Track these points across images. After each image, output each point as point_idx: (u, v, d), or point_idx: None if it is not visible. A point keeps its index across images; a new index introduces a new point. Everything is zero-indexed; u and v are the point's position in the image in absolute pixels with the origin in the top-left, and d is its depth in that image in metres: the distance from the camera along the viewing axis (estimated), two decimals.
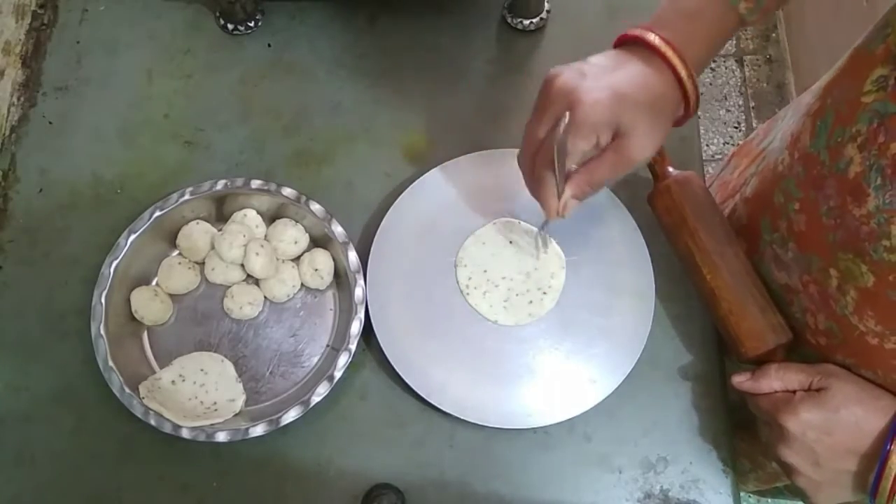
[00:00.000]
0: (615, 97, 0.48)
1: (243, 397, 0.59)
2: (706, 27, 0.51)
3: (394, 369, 0.59)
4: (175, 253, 0.64)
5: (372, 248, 0.62)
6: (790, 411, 0.50)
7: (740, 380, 0.55)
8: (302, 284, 0.63)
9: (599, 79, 0.49)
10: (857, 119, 0.46)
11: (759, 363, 0.55)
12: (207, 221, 0.64)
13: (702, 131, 0.64)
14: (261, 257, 0.61)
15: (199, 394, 0.59)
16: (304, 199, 0.62)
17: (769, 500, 1.31)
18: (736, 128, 1.66)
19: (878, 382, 0.51)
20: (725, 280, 0.57)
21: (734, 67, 1.71)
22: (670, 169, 0.60)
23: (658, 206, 0.60)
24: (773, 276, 0.58)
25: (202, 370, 0.60)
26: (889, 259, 0.44)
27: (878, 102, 0.44)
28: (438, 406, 0.59)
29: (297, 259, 0.64)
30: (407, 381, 0.59)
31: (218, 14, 0.73)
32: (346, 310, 0.62)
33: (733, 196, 0.69)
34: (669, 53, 0.49)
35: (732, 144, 1.64)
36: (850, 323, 0.50)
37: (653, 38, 0.49)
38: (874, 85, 0.45)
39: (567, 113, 0.48)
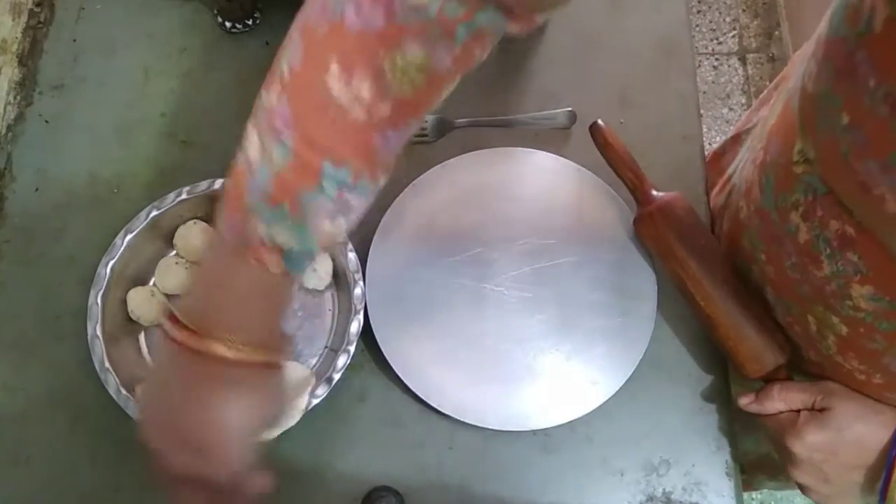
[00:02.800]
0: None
1: None
2: (270, 301, 0.44)
3: (393, 371, 0.59)
4: (172, 253, 0.64)
5: (371, 249, 0.62)
6: (795, 435, 0.51)
7: (746, 402, 0.55)
8: (300, 285, 0.63)
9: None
10: (794, 189, 0.45)
11: (764, 380, 0.55)
12: (204, 221, 0.64)
13: (704, 129, 0.64)
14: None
15: None
16: None
17: (772, 502, 1.31)
18: None
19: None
20: (719, 306, 0.56)
21: (737, 65, 1.71)
22: (654, 192, 0.60)
23: (643, 234, 0.61)
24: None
25: None
26: (856, 316, 0.44)
27: (807, 175, 0.43)
28: (438, 408, 0.58)
29: None
30: (406, 382, 0.59)
31: (215, 12, 0.72)
32: (344, 310, 0.61)
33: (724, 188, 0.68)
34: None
35: None
36: (836, 362, 0.50)
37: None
38: (800, 156, 0.44)
39: None
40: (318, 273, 0.62)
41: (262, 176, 0.40)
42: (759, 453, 0.73)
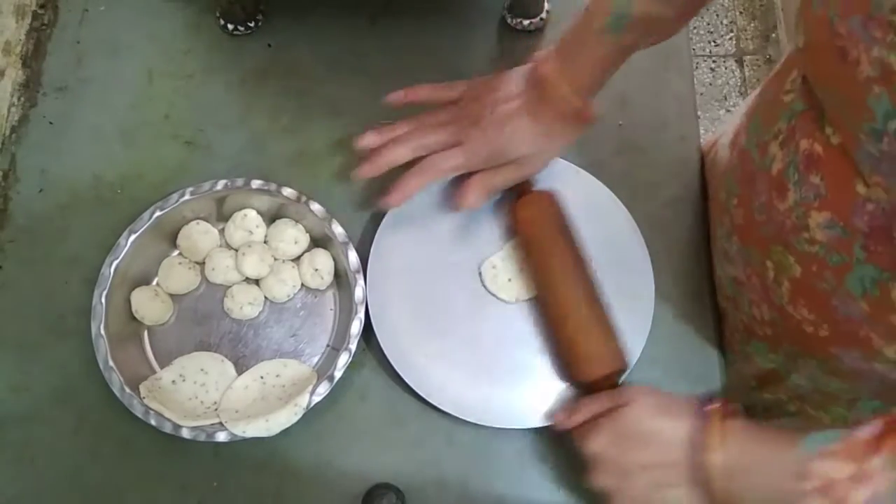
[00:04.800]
0: (511, 133, 0.57)
1: None
2: (594, 58, 0.55)
3: (394, 369, 0.59)
4: (175, 253, 0.64)
5: (372, 248, 0.62)
6: (589, 434, 0.52)
7: (558, 419, 0.56)
8: (302, 284, 0.63)
9: (503, 112, 0.57)
10: (779, 117, 0.48)
11: (593, 391, 0.56)
12: (208, 221, 0.64)
13: (701, 131, 0.65)
14: (248, 256, 0.61)
15: (199, 393, 0.59)
16: (304, 199, 0.63)
17: None
18: None
19: (821, 370, 0.53)
20: (578, 301, 0.57)
21: (734, 68, 1.71)
22: (535, 185, 0.62)
23: (520, 217, 0.61)
24: (725, 270, 0.60)
25: (202, 370, 0.60)
26: (809, 250, 0.46)
27: (794, 102, 0.46)
28: (438, 406, 0.59)
29: (297, 259, 0.64)
30: (407, 380, 0.59)
31: (218, 14, 0.73)
32: (346, 310, 0.62)
33: None
34: (562, 89, 0.55)
35: None
36: (788, 313, 0.51)
37: (550, 76, 0.56)
38: (792, 84, 0.47)
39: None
40: (320, 273, 0.62)
41: None
42: None
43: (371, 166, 0.59)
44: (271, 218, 0.65)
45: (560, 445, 0.60)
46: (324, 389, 0.57)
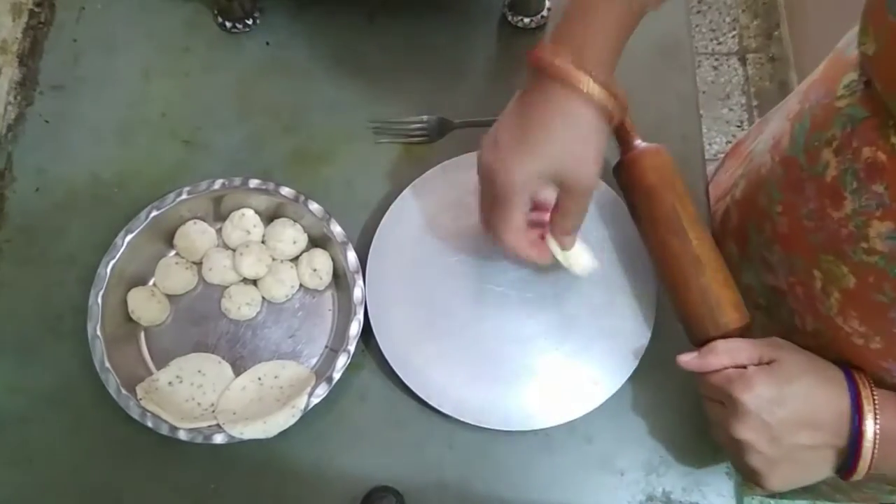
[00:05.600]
0: (523, 155, 0.49)
1: None
2: (602, 26, 0.49)
3: (393, 371, 0.59)
4: (172, 253, 0.64)
5: (371, 249, 0.62)
6: (745, 385, 0.49)
7: (687, 359, 0.53)
8: (300, 285, 0.63)
9: (506, 139, 0.49)
10: (832, 123, 0.46)
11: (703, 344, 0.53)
12: (205, 221, 0.64)
13: (704, 130, 0.64)
14: (246, 256, 0.61)
15: (196, 395, 0.59)
16: (302, 198, 0.62)
17: (771, 502, 1.31)
18: (738, 126, 1.66)
19: None
20: (711, 247, 0.55)
21: (737, 66, 1.71)
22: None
23: (645, 165, 0.57)
24: (762, 279, 0.58)
25: (200, 371, 0.60)
26: (868, 261, 0.45)
27: (851, 107, 0.45)
28: (438, 408, 0.58)
29: (295, 259, 0.63)
30: (406, 382, 0.59)
31: (216, 12, 0.72)
32: (344, 310, 0.61)
33: (724, 198, 0.69)
34: (580, 78, 0.47)
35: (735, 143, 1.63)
36: (836, 324, 0.50)
37: (560, 65, 0.47)
38: (846, 90, 0.46)
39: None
40: (319, 273, 0.62)
41: None
42: None
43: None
44: (269, 217, 0.64)
45: (560, 446, 0.59)
46: (322, 391, 0.57)
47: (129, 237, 0.60)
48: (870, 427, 0.47)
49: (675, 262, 0.56)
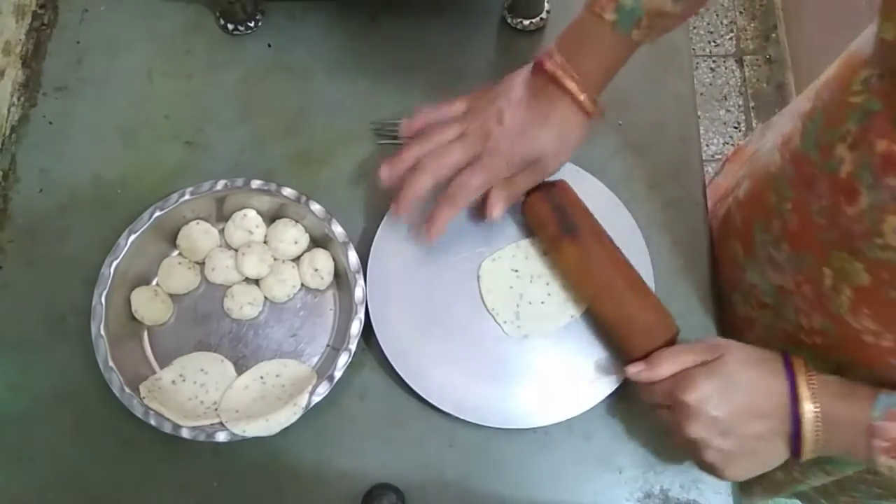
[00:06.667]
0: (524, 137, 0.56)
1: None
2: (601, 53, 0.56)
3: (394, 369, 0.59)
4: (175, 253, 0.64)
5: (372, 248, 0.62)
6: (688, 386, 0.52)
7: (636, 370, 0.55)
8: (302, 284, 0.63)
9: (512, 119, 0.57)
10: (847, 119, 0.46)
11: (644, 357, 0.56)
12: (207, 221, 0.64)
13: (702, 131, 0.65)
14: (248, 256, 0.61)
15: (199, 394, 0.59)
16: (304, 199, 0.63)
17: (771, 502, 1.31)
18: (736, 128, 1.67)
19: (873, 380, 0.51)
20: (628, 274, 0.58)
21: (734, 67, 1.71)
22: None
23: (563, 200, 0.61)
24: (768, 277, 0.58)
25: (202, 370, 0.60)
26: (883, 256, 0.45)
27: (865, 101, 0.45)
28: (438, 406, 0.59)
29: (297, 259, 0.64)
30: (407, 380, 0.59)
31: (218, 14, 0.73)
32: (346, 310, 0.62)
33: (725, 199, 0.69)
34: (569, 85, 0.55)
35: (732, 145, 1.64)
36: (846, 322, 0.50)
37: (556, 73, 0.56)
38: (861, 85, 0.45)
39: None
40: (320, 273, 0.62)
41: None
42: None
43: (400, 204, 0.57)
44: (271, 218, 0.65)
45: (559, 444, 0.60)
46: (324, 389, 0.57)
47: (132, 237, 0.61)
48: (808, 409, 0.49)
49: (597, 296, 0.60)
